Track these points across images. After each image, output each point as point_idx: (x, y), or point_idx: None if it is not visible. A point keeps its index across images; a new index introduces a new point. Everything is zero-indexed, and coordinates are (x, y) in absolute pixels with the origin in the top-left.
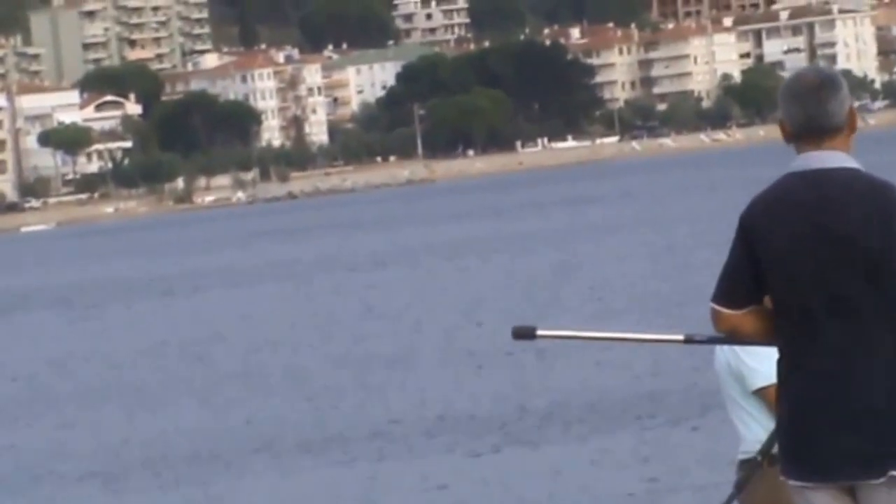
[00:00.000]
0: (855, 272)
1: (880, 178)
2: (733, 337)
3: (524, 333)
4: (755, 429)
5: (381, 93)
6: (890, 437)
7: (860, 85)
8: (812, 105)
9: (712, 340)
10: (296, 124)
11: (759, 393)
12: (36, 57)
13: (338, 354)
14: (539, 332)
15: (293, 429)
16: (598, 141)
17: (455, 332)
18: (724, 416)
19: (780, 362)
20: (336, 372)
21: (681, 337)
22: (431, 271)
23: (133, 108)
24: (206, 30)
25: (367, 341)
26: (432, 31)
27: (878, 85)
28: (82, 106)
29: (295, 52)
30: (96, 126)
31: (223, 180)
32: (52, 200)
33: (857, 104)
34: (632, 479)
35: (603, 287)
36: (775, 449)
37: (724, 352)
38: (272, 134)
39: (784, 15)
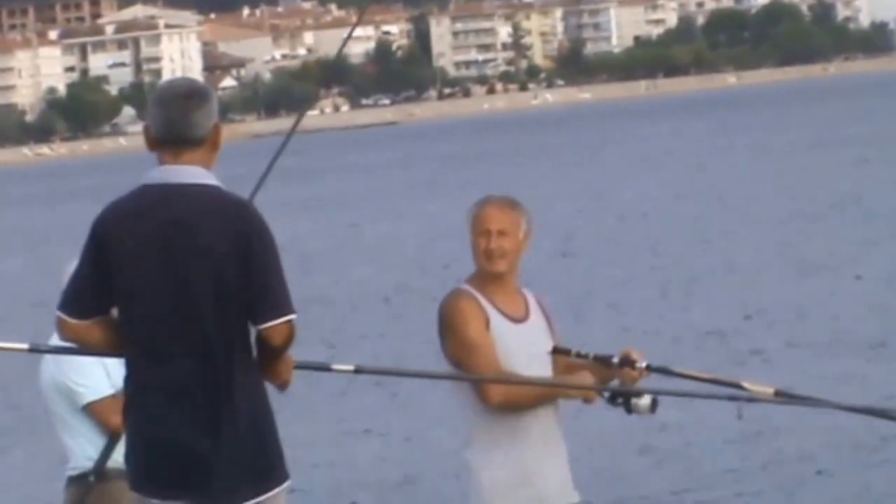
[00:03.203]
0: (206, 295)
1: (237, 197)
2: (80, 347)
3: None
4: (84, 445)
5: None
6: (236, 466)
7: None
8: (176, 111)
9: (59, 350)
10: None
11: (88, 409)
12: None
13: None
14: None
15: None
16: None
17: None
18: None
19: (128, 378)
20: None
21: (25, 346)
22: None
23: None
24: None
25: None
26: None
27: None
28: None
29: None
30: None
31: None
32: None
33: None
34: None
35: None
36: (111, 464)
37: (49, 368)
38: None
39: (110, 29)
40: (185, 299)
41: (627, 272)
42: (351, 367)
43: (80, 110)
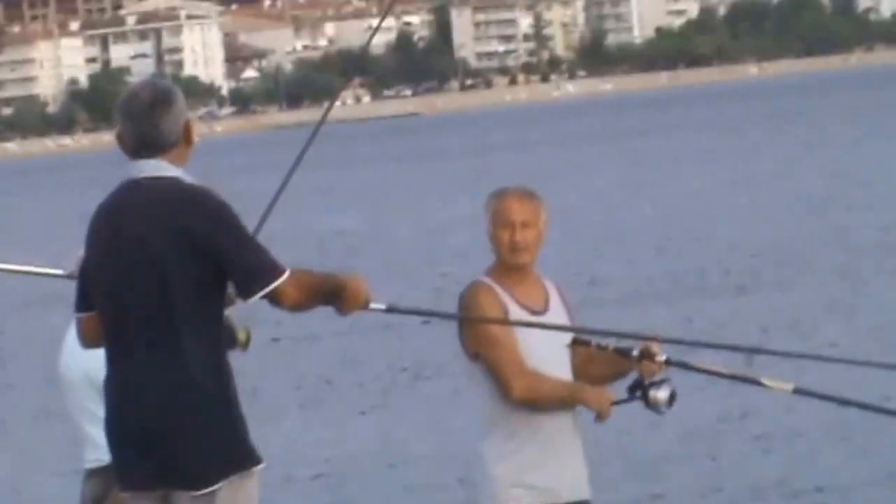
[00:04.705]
0: (159, 284)
1: (198, 185)
2: (85, 339)
3: None
4: None
5: None
6: (201, 451)
7: (207, 91)
8: (146, 123)
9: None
10: None
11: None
12: None
13: None
14: None
15: None
16: None
17: None
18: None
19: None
20: None
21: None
22: None
23: None
24: None
25: None
26: None
27: (224, 91)
28: None
29: None
30: None
31: None
32: None
33: (203, 111)
34: None
35: None
36: None
37: (81, 361)
38: None
39: (131, 20)
40: (139, 290)
41: (649, 263)
42: (383, 306)
43: (101, 101)
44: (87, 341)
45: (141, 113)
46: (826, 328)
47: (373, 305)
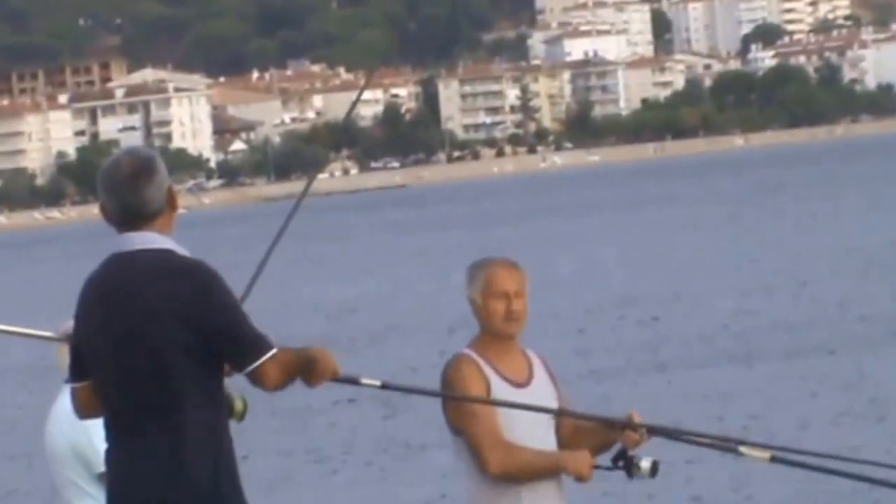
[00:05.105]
0: (153, 357)
1: (191, 259)
2: (80, 409)
3: None
4: None
5: None
6: None
7: (195, 164)
8: (129, 195)
9: None
10: None
11: (103, 477)
12: None
13: None
14: None
15: None
16: None
17: None
18: None
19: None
20: None
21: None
22: None
23: None
24: None
25: None
26: None
27: (213, 164)
28: None
29: None
30: None
31: None
32: None
33: (191, 183)
34: None
35: None
36: None
37: (65, 436)
38: None
39: (120, 93)
40: (135, 364)
41: (640, 334)
42: (378, 383)
43: (90, 174)
44: (84, 412)
45: (123, 184)
46: (828, 398)
47: (367, 381)
